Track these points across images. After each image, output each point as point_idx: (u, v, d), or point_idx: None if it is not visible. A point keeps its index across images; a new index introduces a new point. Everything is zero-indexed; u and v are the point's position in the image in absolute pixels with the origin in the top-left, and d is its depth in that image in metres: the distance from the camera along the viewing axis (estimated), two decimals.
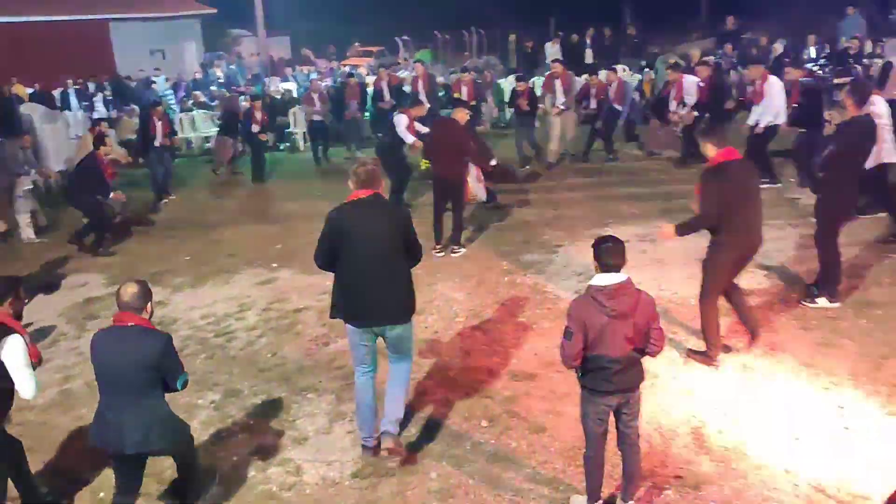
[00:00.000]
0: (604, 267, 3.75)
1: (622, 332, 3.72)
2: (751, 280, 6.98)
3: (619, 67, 17.05)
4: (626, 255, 3.82)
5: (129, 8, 26.95)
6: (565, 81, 12.36)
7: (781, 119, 9.80)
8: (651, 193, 10.18)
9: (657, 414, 4.98)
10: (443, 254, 8.38)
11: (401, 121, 9.72)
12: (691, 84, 11.64)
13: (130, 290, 3.99)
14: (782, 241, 7.93)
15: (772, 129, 9.87)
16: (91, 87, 19.29)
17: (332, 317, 4.74)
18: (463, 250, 8.48)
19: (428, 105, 10.91)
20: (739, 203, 5.18)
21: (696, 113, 11.24)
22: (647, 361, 3.97)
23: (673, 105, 11.70)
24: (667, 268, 7.47)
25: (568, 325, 3.78)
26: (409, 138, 9.64)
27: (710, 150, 5.34)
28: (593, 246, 3.83)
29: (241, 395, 5.69)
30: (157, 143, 11.73)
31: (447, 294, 7.34)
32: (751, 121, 10.03)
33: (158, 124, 11.73)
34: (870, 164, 6.63)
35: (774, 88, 9.87)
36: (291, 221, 10.20)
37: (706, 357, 5.56)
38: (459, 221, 8.53)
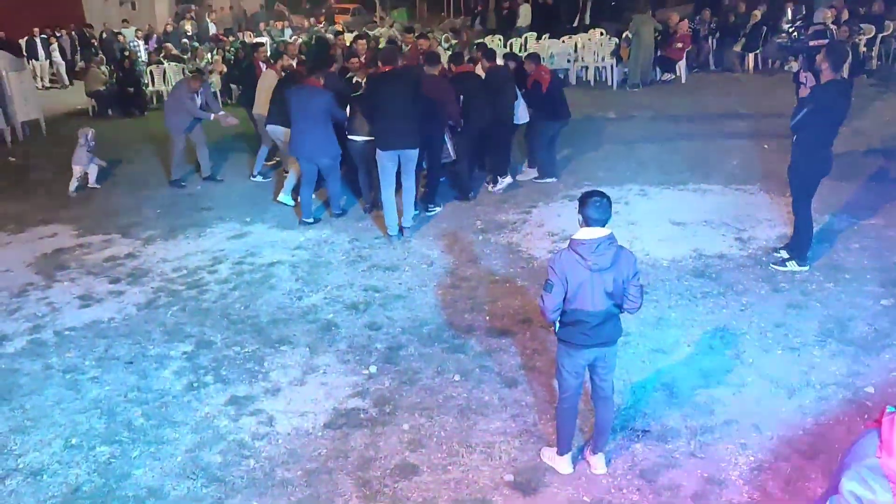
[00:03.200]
0: (588, 221, 3.74)
1: (602, 286, 3.73)
2: (723, 244, 7.07)
3: (598, 31, 17.01)
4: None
5: None
6: None
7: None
8: (625, 156, 10.19)
9: (629, 369, 5.04)
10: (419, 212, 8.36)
11: None
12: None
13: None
14: (754, 206, 8.01)
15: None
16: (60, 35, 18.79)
17: (377, 147, 7.40)
18: (438, 209, 8.45)
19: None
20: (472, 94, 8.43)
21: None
22: (621, 319, 4.01)
23: None
24: (640, 229, 7.52)
25: (549, 277, 3.78)
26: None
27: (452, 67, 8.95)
28: (580, 200, 3.80)
29: (214, 347, 5.66)
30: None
31: (422, 251, 7.33)
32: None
33: (264, 66, 10.62)
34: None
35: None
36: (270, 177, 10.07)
37: None
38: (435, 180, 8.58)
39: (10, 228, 8.46)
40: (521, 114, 9.12)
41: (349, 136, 8.11)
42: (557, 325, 3.93)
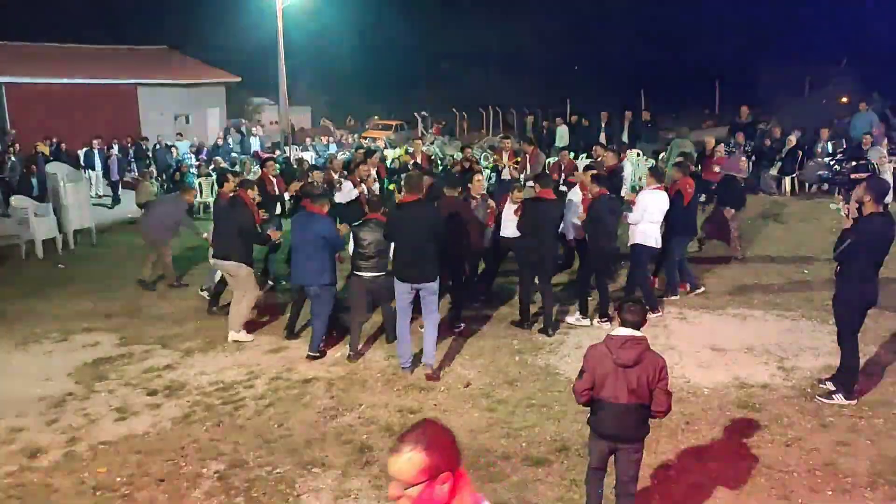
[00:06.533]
0: (623, 322, 4.30)
1: (625, 381, 4.15)
2: (766, 373, 6.91)
3: (634, 152, 17.33)
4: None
5: (157, 74, 27.76)
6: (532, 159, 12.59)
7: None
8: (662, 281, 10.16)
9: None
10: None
11: None
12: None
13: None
14: (796, 333, 7.87)
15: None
16: (115, 148, 19.75)
17: (394, 276, 7.15)
18: (462, 325, 8.42)
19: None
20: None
21: None
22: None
23: None
24: (679, 355, 7.40)
25: (583, 364, 4.32)
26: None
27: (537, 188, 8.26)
28: (617, 305, 4.37)
29: (246, 467, 5.60)
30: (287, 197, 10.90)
31: (458, 371, 7.28)
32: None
33: (275, 181, 10.94)
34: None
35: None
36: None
37: None
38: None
39: (53, 336, 8.63)
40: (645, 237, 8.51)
41: (355, 272, 7.65)
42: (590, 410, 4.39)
